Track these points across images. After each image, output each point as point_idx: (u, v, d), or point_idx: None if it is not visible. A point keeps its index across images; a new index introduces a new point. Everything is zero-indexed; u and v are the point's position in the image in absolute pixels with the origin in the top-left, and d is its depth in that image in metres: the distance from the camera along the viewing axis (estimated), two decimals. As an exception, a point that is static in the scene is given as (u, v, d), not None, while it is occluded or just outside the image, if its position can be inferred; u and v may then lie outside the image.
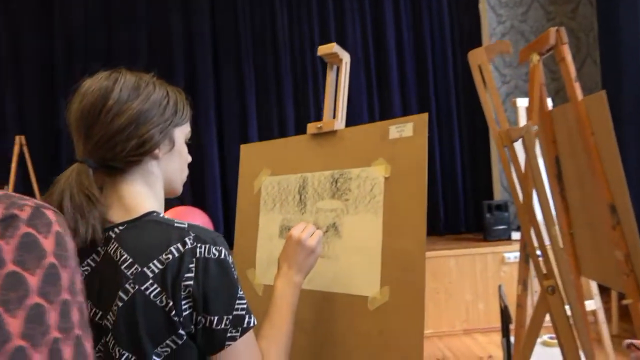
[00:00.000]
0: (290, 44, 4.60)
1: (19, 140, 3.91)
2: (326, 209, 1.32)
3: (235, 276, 0.88)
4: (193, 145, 1.05)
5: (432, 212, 4.65)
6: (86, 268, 0.90)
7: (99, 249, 0.89)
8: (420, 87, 4.76)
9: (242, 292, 0.87)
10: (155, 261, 0.83)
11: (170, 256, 0.82)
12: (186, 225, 0.87)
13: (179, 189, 1.03)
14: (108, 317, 0.85)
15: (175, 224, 0.87)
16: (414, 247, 1.13)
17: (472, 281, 3.93)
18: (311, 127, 1.39)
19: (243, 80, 4.53)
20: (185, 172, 1.04)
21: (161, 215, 0.92)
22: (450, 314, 3.93)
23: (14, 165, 3.86)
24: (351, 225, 1.26)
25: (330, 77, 1.42)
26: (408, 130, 1.20)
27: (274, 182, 1.46)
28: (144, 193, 0.93)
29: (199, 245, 0.84)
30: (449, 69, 4.75)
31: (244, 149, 1.57)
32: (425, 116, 1.17)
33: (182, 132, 1.00)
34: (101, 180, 0.93)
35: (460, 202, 4.72)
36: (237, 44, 4.50)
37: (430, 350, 3.64)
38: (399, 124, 1.22)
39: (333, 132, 1.36)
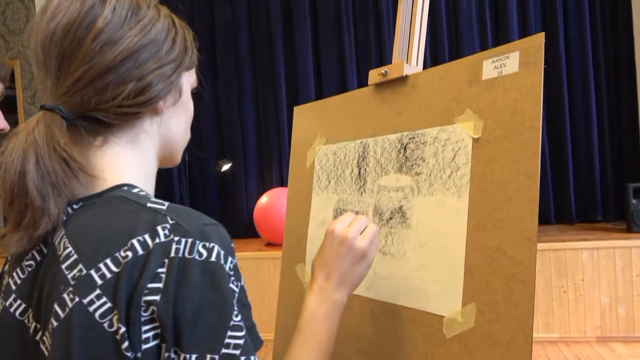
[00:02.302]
0: (394, 8, 4.13)
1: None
2: (390, 187, 0.93)
3: (235, 291, 0.54)
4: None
5: (559, 193, 3.89)
6: (30, 263, 0.61)
7: (49, 236, 0.60)
8: (545, 12, 3.84)
9: (239, 319, 0.53)
10: (108, 260, 0.53)
11: (130, 253, 0.52)
12: (165, 207, 0.56)
13: (178, 156, 0.72)
14: (44, 338, 0.56)
15: (149, 204, 0.56)
16: (518, 246, 0.70)
17: (610, 280, 3.21)
18: (373, 75, 1.00)
19: (343, 51, 4.17)
20: (189, 133, 0.72)
21: (136, 190, 0.60)
22: (581, 318, 3.26)
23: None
24: (423, 211, 0.86)
25: (403, 5, 1.01)
26: (512, 64, 0.75)
27: (329, 152, 1.09)
28: (127, 160, 0.63)
29: (176, 238, 0.52)
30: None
31: (298, 111, 1.22)
32: (539, 39, 0.72)
33: (189, 79, 0.70)
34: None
35: (597, 182, 3.85)
36: (338, 14, 4.15)
37: (555, 357, 3.04)
38: (498, 55, 0.78)
39: (402, 79, 0.95)
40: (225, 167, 3.77)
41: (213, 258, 0.52)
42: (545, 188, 3.90)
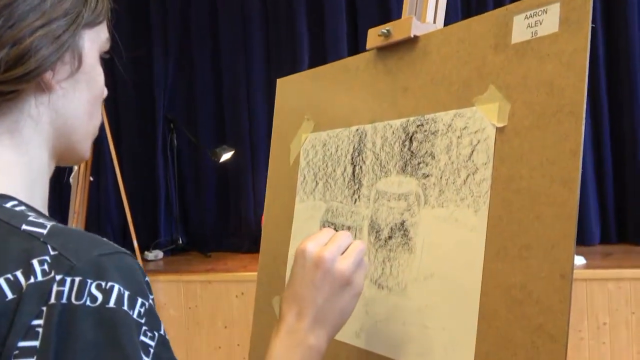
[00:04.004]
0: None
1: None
2: (391, 193, 0.88)
3: (149, 345, 0.53)
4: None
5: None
6: None
7: None
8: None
9: None
10: None
11: None
12: (46, 230, 0.54)
13: (83, 149, 0.69)
14: None
15: (24, 226, 0.54)
16: (547, 285, 0.64)
17: None
18: (372, 35, 0.95)
19: (388, 2, 4.09)
20: (96, 118, 0.69)
21: (11, 204, 0.58)
22: None
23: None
24: (431, 229, 0.81)
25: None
26: (550, 22, 0.69)
27: (318, 142, 1.06)
28: (4, 159, 0.62)
29: (59, 277, 0.50)
30: None
31: (281, 85, 1.19)
32: (588, -15, 0.66)
33: (95, 40, 0.66)
34: None
35: None
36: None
37: None
38: (533, 9, 0.72)
39: (411, 42, 0.90)
40: (226, 156, 3.76)
41: (111, 303, 0.50)
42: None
